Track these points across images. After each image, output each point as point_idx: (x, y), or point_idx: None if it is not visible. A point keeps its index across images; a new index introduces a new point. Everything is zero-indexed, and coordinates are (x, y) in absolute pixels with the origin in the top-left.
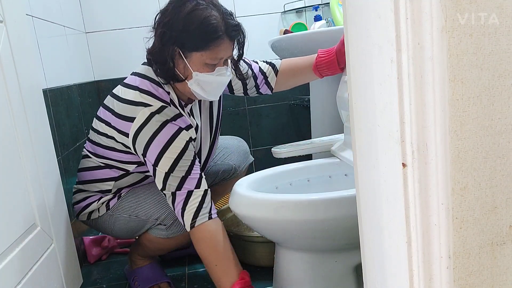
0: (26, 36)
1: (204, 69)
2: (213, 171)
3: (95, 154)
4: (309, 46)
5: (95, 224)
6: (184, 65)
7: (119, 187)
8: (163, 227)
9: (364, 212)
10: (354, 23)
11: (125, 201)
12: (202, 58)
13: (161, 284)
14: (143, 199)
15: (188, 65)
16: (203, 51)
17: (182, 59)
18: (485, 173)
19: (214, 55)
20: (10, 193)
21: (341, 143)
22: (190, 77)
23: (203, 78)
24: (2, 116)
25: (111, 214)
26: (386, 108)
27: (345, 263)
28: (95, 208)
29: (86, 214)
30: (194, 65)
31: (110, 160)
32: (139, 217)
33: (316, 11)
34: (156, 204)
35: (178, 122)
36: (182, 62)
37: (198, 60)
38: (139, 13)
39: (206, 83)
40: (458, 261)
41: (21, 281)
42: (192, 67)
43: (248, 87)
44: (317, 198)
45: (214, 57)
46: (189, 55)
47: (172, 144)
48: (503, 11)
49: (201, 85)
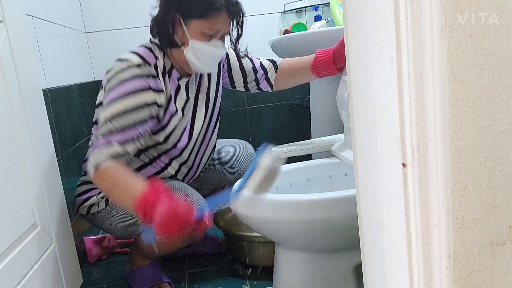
0: (26, 36)
1: (201, 38)
2: (219, 175)
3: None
4: (309, 46)
5: (94, 219)
6: (183, 32)
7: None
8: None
9: (364, 212)
10: (354, 23)
11: None
12: (200, 26)
13: (161, 284)
14: None
15: (187, 32)
16: (202, 20)
17: (182, 26)
18: (485, 173)
19: (211, 26)
20: (10, 193)
21: (341, 143)
22: (186, 45)
23: (198, 47)
24: (2, 116)
25: (109, 210)
26: (386, 108)
27: (345, 263)
28: (94, 202)
29: (86, 208)
30: (192, 32)
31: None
32: (133, 216)
33: (316, 11)
34: None
35: (150, 80)
36: (181, 29)
37: (197, 28)
38: (139, 13)
39: (201, 53)
40: (458, 261)
41: (21, 281)
42: (190, 33)
43: (249, 80)
44: (317, 198)
45: (211, 27)
46: (188, 22)
47: (130, 97)
48: (503, 11)
49: (196, 53)
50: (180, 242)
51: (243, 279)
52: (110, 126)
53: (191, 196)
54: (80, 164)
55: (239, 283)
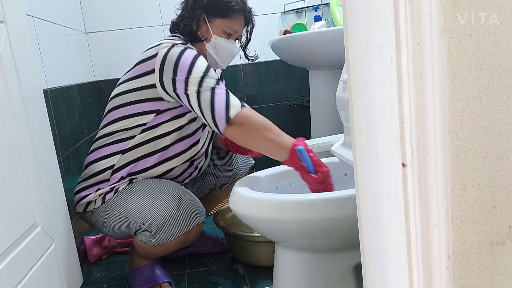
0: (27, 37)
1: (221, 35)
2: (214, 175)
3: (108, 124)
4: (309, 46)
5: (90, 217)
6: (206, 28)
7: (125, 163)
8: (148, 233)
9: (364, 212)
10: (354, 24)
11: (119, 197)
12: (222, 25)
13: (162, 284)
14: (136, 199)
15: (210, 28)
16: (224, 19)
17: (206, 23)
18: (484, 173)
19: (231, 25)
20: (10, 193)
21: (341, 143)
22: (209, 40)
23: (219, 42)
24: (3, 116)
25: (105, 208)
26: (386, 108)
27: (345, 263)
28: (92, 199)
29: (83, 205)
30: (215, 29)
31: (124, 120)
32: (127, 217)
33: (316, 11)
34: (146, 208)
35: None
36: (205, 26)
37: (219, 26)
38: (139, 13)
39: (221, 48)
40: (458, 261)
41: (22, 280)
42: (213, 30)
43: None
44: (317, 198)
45: (231, 26)
46: (212, 20)
47: (199, 59)
48: (503, 11)
49: (217, 48)
50: (175, 245)
51: (243, 279)
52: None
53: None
54: (81, 164)
55: (239, 283)
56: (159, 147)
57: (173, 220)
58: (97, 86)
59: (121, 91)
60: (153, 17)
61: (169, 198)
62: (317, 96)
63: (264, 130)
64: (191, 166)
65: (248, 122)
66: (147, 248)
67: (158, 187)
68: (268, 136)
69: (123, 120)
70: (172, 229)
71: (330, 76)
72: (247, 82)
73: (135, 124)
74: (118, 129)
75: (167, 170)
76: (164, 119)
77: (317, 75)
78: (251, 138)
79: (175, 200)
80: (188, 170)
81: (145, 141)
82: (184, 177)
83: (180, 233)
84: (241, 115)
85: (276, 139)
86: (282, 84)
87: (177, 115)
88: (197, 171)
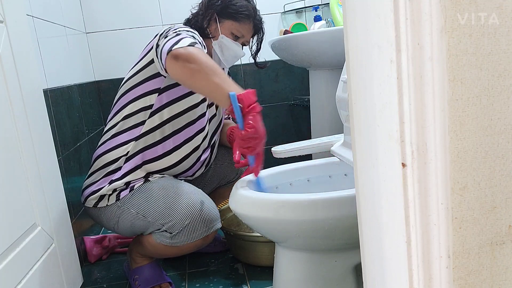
0: (27, 37)
1: (229, 36)
2: (220, 172)
3: (115, 114)
4: (309, 46)
5: (100, 213)
6: (216, 27)
7: (138, 150)
8: (168, 234)
9: (363, 212)
10: (354, 23)
11: (136, 196)
12: (231, 26)
13: (162, 284)
14: (155, 199)
15: (219, 28)
16: (234, 21)
17: (216, 23)
18: (484, 173)
19: (239, 28)
20: (10, 193)
21: (341, 143)
22: (216, 38)
23: (226, 42)
24: (3, 116)
25: (120, 206)
26: (386, 108)
27: (344, 263)
28: (105, 193)
29: (94, 200)
30: (224, 29)
31: (129, 104)
32: (146, 217)
33: (316, 11)
34: (167, 209)
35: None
36: (215, 24)
37: (228, 27)
38: (139, 13)
39: (226, 48)
40: (458, 261)
41: (22, 280)
42: (221, 30)
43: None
44: (317, 198)
45: (239, 30)
46: (222, 21)
47: (190, 30)
48: (503, 11)
49: (222, 47)
50: (191, 248)
51: (243, 278)
52: (180, 31)
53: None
54: (81, 164)
55: (239, 283)
56: (166, 134)
57: (194, 223)
58: (97, 86)
59: (126, 79)
60: (153, 17)
61: (192, 201)
62: (317, 96)
63: (211, 73)
64: (198, 161)
65: (195, 62)
66: (160, 247)
67: (177, 188)
68: (214, 80)
69: (129, 104)
70: (194, 233)
71: (330, 76)
72: (247, 82)
73: (140, 107)
74: (125, 116)
75: (178, 161)
76: (167, 100)
77: (317, 75)
78: (195, 79)
79: (198, 203)
80: (197, 164)
81: (153, 127)
82: (193, 170)
83: (200, 237)
84: (187, 51)
85: (221, 85)
86: (282, 84)
87: (179, 97)
88: (204, 166)
